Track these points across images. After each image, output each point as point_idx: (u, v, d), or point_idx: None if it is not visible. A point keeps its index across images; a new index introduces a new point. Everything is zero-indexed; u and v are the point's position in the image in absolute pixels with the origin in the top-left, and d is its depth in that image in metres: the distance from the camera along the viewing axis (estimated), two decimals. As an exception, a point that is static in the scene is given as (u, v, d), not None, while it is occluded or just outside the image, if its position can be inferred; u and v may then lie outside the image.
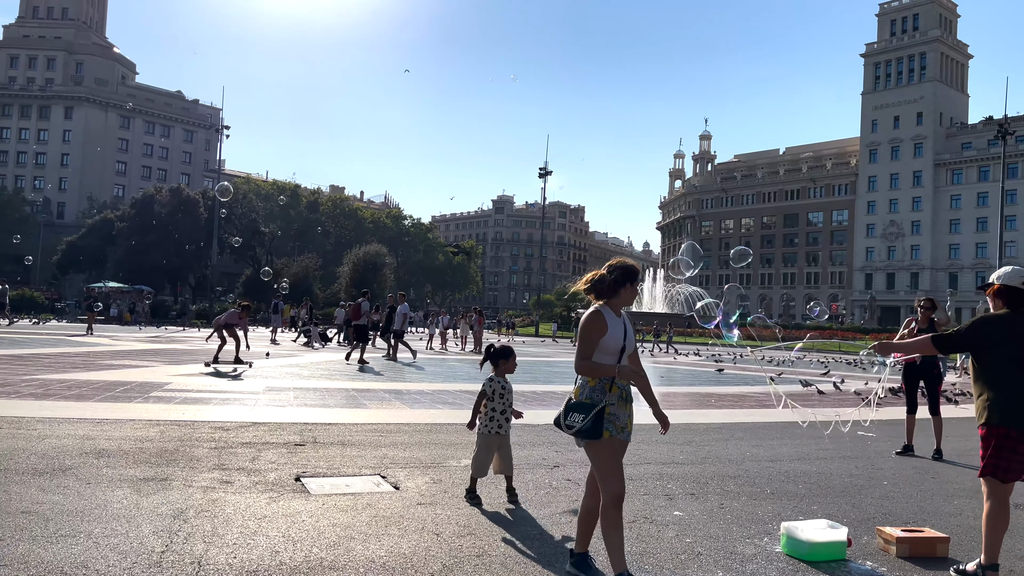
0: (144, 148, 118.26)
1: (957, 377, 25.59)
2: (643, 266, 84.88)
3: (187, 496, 5.72)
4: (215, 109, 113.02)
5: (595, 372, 4.19)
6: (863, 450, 9.66)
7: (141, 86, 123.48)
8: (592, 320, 4.17)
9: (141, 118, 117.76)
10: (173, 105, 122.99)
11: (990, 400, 4.59)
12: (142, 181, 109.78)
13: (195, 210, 77.65)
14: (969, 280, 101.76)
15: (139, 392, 11.92)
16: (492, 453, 6.11)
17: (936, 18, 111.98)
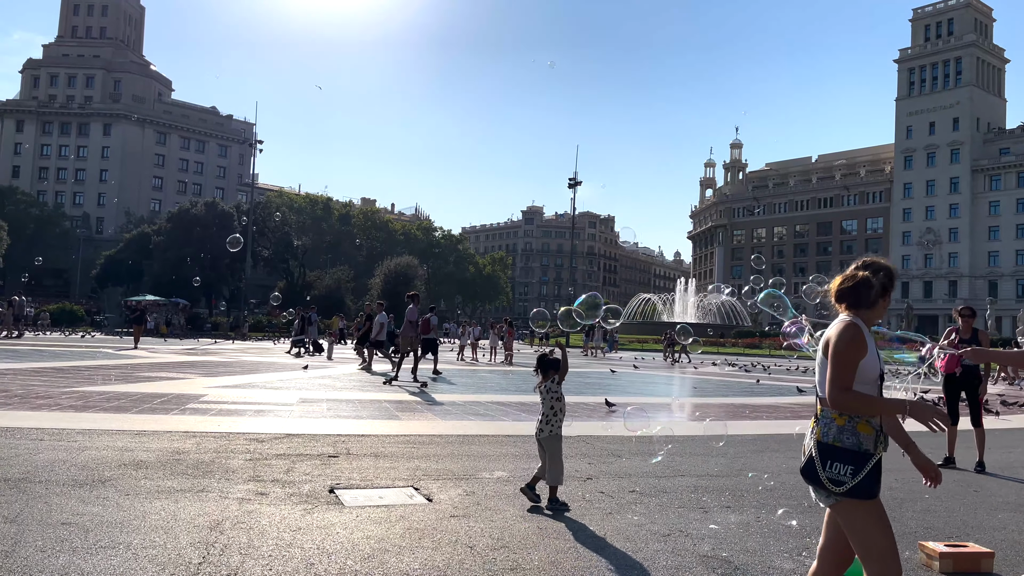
0: (180, 163, 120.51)
1: (994, 386, 24.99)
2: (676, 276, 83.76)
3: (223, 508, 5.78)
4: (248, 124, 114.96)
5: (868, 408, 3.27)
6: (902, 462, 9.41)
7: (177, 102, 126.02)
8: (852, 336, 3.27)
9: (177, 134, 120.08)
10: (208, 121, 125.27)
11: None
12: (178, 196, 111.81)
13: (229, 224, 78.79)
14: (1009, 288, 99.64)
15: (176, 404, 12.09)
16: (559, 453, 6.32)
17: (971, 22, 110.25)
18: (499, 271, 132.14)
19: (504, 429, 10.98)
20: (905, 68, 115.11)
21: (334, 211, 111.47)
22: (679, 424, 12.30)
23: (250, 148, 71.77)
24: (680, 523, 5.93)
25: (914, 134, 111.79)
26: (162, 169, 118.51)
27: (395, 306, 63.70)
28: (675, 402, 16.98)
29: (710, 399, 17.80)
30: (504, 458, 8.52)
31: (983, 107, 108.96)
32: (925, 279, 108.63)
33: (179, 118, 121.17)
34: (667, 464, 8.59)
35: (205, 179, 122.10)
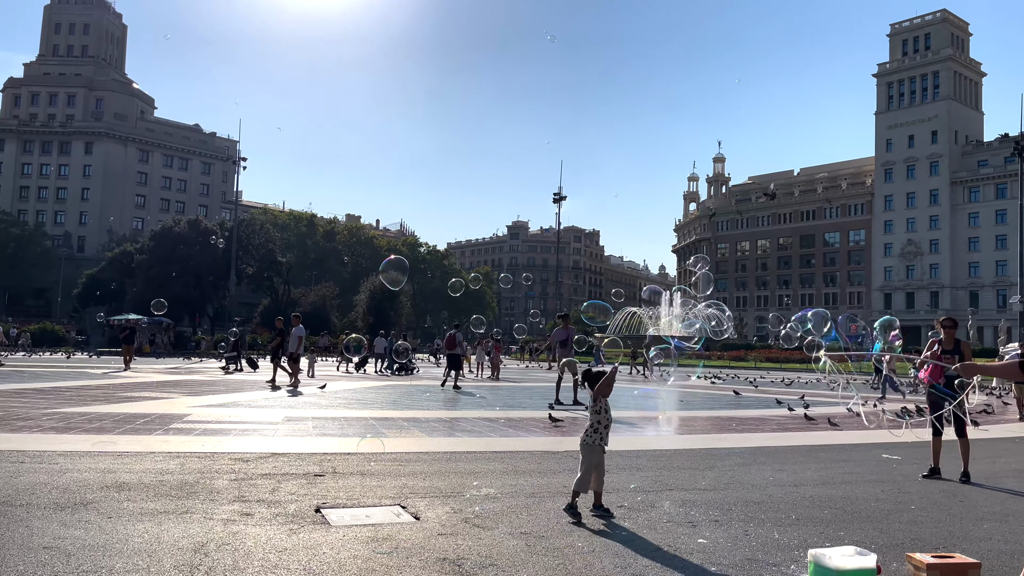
0: (163, 181, 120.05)
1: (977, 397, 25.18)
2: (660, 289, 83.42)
3: (207, 529, 5.71)
4: (232, 141, 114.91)
5: None
6: (888, 474, 9.51)
7: (160, 120, 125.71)
8: None
9: (160, 151, 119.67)
10: (191, 138, 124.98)
11: None
12: (161, 214, 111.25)
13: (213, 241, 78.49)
14: (990, 298, 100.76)
15: (159, 424, 11.97)
16: (594, 466, 6.57)
17: (948, 37, 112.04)
18: (485, 286, 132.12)
19: (491, 445, 10.94)
20: (884, 82, 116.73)
21: (319, 228, 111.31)
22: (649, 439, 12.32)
23: (234, 165, 71.53)
24: (669, 538, 5.92)
25: (894, 147, 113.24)
26: (145, 187, 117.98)
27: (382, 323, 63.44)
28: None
29: (697, 412, 17.81)
30: (491, 475, 8.49)
31: (961, 120, 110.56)
32: (907, 290, 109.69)
33: (162, 136, 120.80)
34: (655, 478, 8.58)
35: (188, 197, 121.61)
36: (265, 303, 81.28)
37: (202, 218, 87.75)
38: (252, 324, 78.72)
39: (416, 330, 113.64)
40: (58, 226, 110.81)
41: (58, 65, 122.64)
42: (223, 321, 70.04)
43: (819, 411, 17.14)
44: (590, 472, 6.61)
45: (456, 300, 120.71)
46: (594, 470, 6.62)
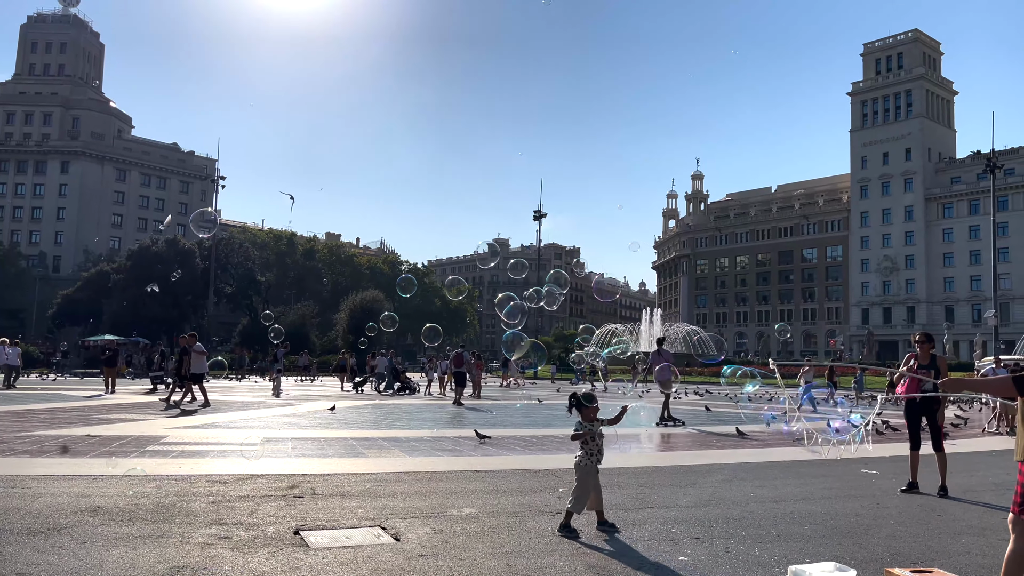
0: (140, 200, 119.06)
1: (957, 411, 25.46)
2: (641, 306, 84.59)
3: (184, 553, 5.63)
4: (211, 160, 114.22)
5: None
6: (867, 488, 9.56)
7: (137, 139, 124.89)
8: None
9: (137, 170, 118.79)
10: (169, 157, 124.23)
11: None
12: (138, 233, 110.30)
13: (191, 260, 77.85)
14: (965, 313, 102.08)
15: (135, 446, 11.81)
16: (591, 486, 6.61)
17: (920, 56, 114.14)
18: (466, 304, 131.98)
19: (472, 464, 10.88)
20: (858, 101, 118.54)
21: (298, 246, 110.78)
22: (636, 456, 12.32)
23: (212, 184, 71.21)
24: (650, 556, 5.91)
25: (869, 164, 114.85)
26: (122, 206, 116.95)
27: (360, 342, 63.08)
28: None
29: (677, 429, 17.82)
30: (472, 494, 8.44)
31: (934, 138, 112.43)
32: (884, 305, 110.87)
33: (139, 155, 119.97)
34: (636, 496, 8.58)
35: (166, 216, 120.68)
36: (244, 322, 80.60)
37: (181, 237, 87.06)
38: (231, 344, 78.03)
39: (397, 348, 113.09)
40: (33, 246, 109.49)
41: (34, 84, 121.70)
42: (203, 341, 69.48)
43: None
44: (587, 493, 6.63)
45: (436, 317, 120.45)
46: (592, 490, 6.66)
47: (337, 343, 70.78)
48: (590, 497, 6.65)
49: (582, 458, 6.72)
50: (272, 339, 26.66)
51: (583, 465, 6.69)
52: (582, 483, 6.63)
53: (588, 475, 6.66)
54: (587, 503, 6.64)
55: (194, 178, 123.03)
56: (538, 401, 27.72)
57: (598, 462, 6.76)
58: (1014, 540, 4.54)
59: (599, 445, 6.81)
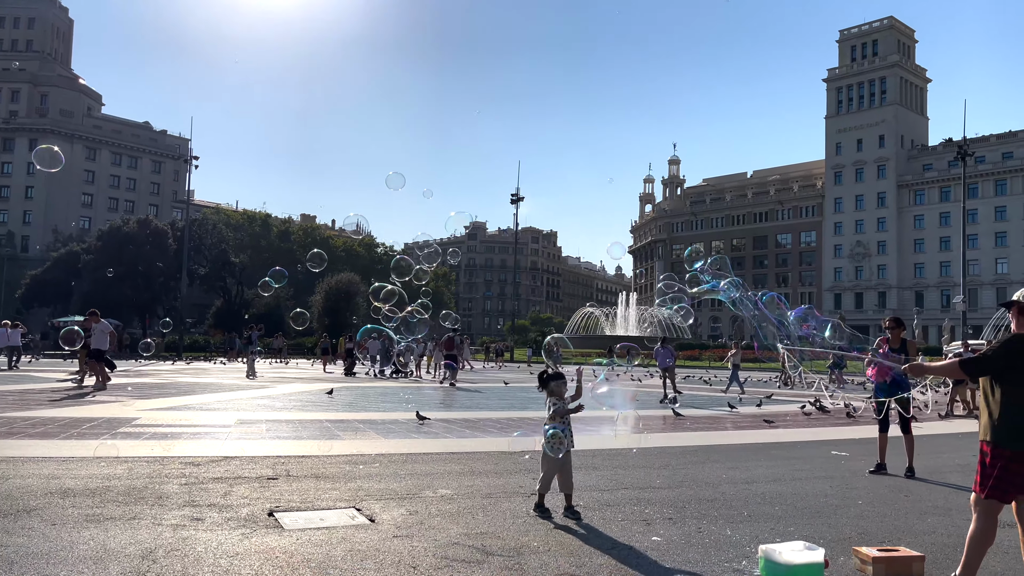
0: (111, 180, 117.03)
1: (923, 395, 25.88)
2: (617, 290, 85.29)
3: (156, 535, 5.59)
4: (183, 139, 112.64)
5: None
6: (837, 470, 9.72)
7: (107, 117, 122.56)
8: None
9: (108, 149, 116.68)
10: (140, 136, 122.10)
11: (1001, 420, 4.55)
12: (109, 213, 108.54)
13: (164, 241, 76.87)
14: (934, 298, 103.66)
15: (106, 428, 11.68)
16: (556, 468, 6.62)
17: (895, 44, 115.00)
18: (443, 287, 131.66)
19: (448, 447, 10.91)
20: (833, 87, 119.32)
21: (273, 228, 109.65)
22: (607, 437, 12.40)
23: (185, 164, 70.17)
24: (624, 536, 5.97)
25: (843, 151, 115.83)
26: (92, 186, 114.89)
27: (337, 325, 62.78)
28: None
29: (652, 411, 17.98)
30: (448, 476, 8.47)
31: (907, 125, 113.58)
32: (856, 291, 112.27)
33: (110, 133, 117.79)
34: (611, 477, 8.65)
35: (138, 196, 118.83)
36: (218, 304, 79.90)
37: (152, 217, 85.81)
38: (205, 325, 77.34)
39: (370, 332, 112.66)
40: (0, 225, 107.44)
41: (1, 59, 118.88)
42: (175, 323, 68.63)
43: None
44: (553, 473, 6.66)
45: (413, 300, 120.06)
46: (559, 471, 6.66)
47: (312, 326, 70.40)
48: (558, 477, 6.65)
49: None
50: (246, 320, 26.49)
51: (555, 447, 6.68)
52: (552, 464, 6.64)
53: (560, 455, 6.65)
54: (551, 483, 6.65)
55: (166, 158, 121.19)
56: (504, 384, 27.81)
57: (571, 444, 6.71)
58: (976, 519, 4.65)
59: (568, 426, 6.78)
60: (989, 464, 4.59)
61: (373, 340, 35.78)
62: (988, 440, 4.61)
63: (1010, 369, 4.59)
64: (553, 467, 6.64)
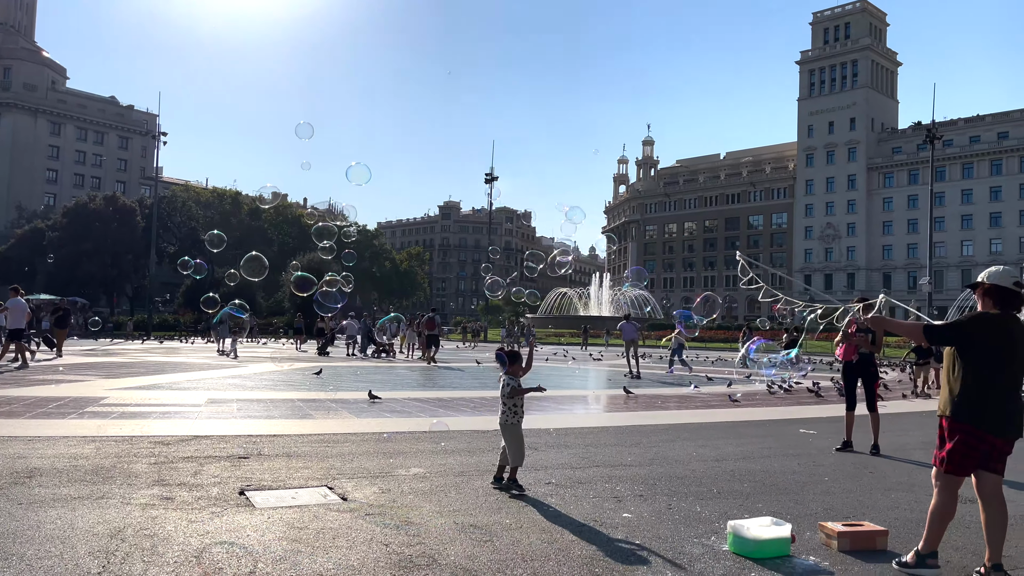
0: (76, 155, 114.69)
1: (893, 372, 26.40)
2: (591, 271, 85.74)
3: (125, 514, 5.54)
4: (151, 115, 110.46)
5: None
6: (804, 447, 9.88)
7: (72, 91, 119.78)
8: None
9: (73, 124, 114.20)
10: (106, 111, 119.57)
11: (961, 396, 4.64)
12: (75, 189, 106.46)
13: (131, 219, 75.64)
14: (901, 280, 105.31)
15: (73, 408, 11.52)
16: (523, 439, 6.86)
17: (867, 27, 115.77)
18: (416, 267, 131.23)
19: (421, 425, 10.91)
20: (806, 69, 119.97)
21: (243, 205, 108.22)
22: (583, 416, 12.51)
23: (153, 140, 68.87)
24: (595, 513, 6.03)
25: (815, 133, 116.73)
26: (56, 161, 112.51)
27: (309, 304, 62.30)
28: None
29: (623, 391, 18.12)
30: (420, 454, 8.48)
31: (877, 108, 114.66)
32: (826, 272, 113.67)
33: (75, 108, 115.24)
34: (582, 455, 8.71)
35: (105, 172, 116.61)
36: (188, 283, 78.89)
37: (119, 194, 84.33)
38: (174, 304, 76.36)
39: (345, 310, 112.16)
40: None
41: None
42: (143, 301, 67.74)
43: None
44: (523, 446, 6.84)
45: (386, 281, 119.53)
46: (504, 444, 6.87)
47: (283, 305, 69.85)
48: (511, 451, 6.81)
49: (509, 417, 6.87)
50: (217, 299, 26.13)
51: (511, 423, 6.83)
52: (517, 439, 6.80)
53: (518, 430, 6.85)
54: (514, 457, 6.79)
55: (134, 133, 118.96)
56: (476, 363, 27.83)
57: (520, 417, 6.92)
58: (937, 494, 4.76)
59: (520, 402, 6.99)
60: (948, 439, 4.69)
61: (350, 320, 35.63)
62: (947, 415, 4.71)
63: (971, 346, 4.68)
64: (521, 439, 6.82)
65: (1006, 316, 4.71)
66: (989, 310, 4.76)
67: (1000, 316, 4.71)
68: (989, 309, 4.76)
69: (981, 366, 4.64)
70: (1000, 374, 4.62)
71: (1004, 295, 4.73)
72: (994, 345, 4.63)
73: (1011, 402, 4.63)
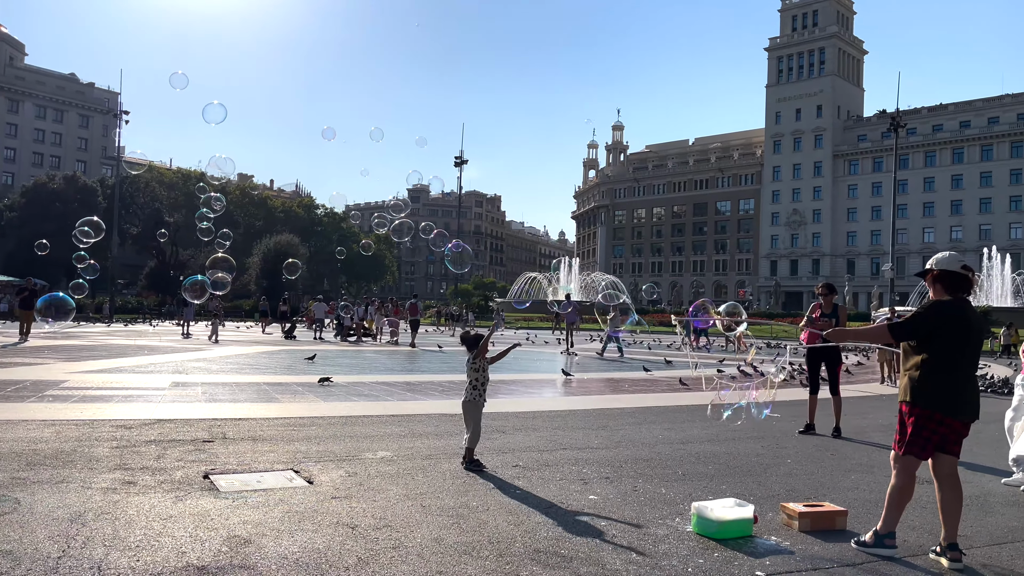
0: (35, 134, 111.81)
1: (857, 357, 26.87)
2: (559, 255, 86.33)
3: (86, 498, 5.46)
4: (113, 93, 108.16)
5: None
6: (768, 430, 10.03)
7: (31, 68, 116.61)
8: None
9: (31, 101, 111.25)
10: (66, 88, 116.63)
11: (919, 381, 4.74)
12: (34, 168, 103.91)
13: (93, 199, 74.09)
14: (865, 266, 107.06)
15: (33, 391, 11.30)
16: (480, 420, 7.12)
17: (834, 15, 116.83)
18: (385, 250, 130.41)
19: (388, 409, 10.89)
20: (775, 56, 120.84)
21: (208, 187, 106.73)
22: (551, 400, 12.57)
23: (115, 119, 67.47)
24: (561, 495, 6.07)
25: (782, 120, 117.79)
26: (14, 139, 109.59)
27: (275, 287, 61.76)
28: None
29: (592, 374, 18.22)
30: (388, 438, 8.46)
31: (844, 96, 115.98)
32: (791, 258, 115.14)
33: (33, 84, 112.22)
34: (549, 438, 8.76)
35: (64, 151, 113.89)
36: (151, 265, 77.63)
37: (80, 174, 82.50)
38: (138, 287, 75.16)
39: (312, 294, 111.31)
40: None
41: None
42: (104, 284, 66.46)
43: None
44: (480, 426, 7.07)
45: (354, 264, 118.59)
46: (464, 422, 7.11)
47: (250, 288, 69.11)
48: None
49: (474, 396, 7.10)
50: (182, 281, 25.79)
51: (474, 402, 7.08)
52: (477, 420, 7.06)
53: (478, 409, 7.10)
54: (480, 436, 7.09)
55: (95, 112, 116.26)
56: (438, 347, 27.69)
57: (483, 399, 7.19)
58: (895, 475, 4.86)
59: (483, 381, 7.22)
60: (907, 423, 4.80)
61: (319, 303, 35.37)
62: (907, 400, 4.82)
63: (932, 335, 4.78)
64: (480, 420, 7.08)
65: (959, 301, 4.83)
66: (940, 296, 4.87)
67: (954, 302, 4.83)
68: (940, 295, 4.88)
69: (938, 352, 4.74)
70: (957, 359, 4.72)
71: (953, 279, 4.84)
72: (951, 331, 4.73)
73: (968, 385, 4.75)
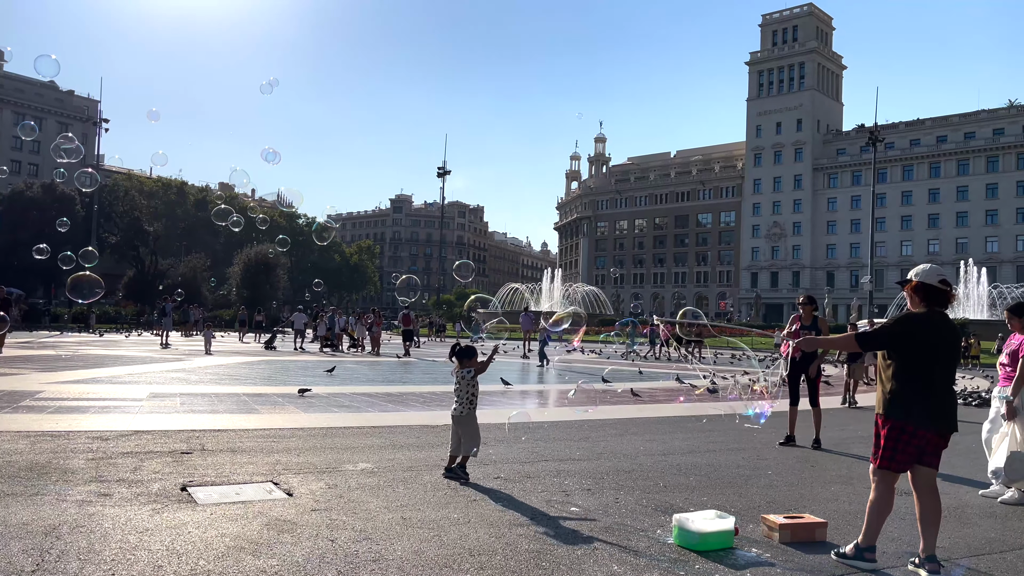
0: (12, 141, 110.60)
1: (835, 370, 27.04)
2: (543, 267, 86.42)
3: (60, 511, 5.37)
4: (92, 101, 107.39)
5: None
6: (749, 442, 10.07)
7: (8, 75, 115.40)
8: None
9: (9, 109, 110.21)
10: (45, 96, 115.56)
11: (893, 394, 4.76)
12: (11, 176, 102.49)
13: (71, 208, 73.24)
14: (844, 278, 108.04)
15: (6, 402, 11.13)
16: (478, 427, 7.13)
17: (814, 30, 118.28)
18: (367, 260, 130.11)
19: (369, 420, 10.82)
20: (755, 71, 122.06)
21: (189, 196, 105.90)
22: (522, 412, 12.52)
23: (94, 127, 66.89)
24: (542, 507, 6.05)
25: (763, 133, 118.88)
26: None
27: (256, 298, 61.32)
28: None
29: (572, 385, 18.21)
30: (369, 449, 8.40)
31: (823, 110, 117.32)
32: (772, 270, 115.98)
33: (11, 92, 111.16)
34: (531, 450, 8.74)
35: (42, 159, 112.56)
36: (131, 274, 76.88)
37: (58, 182, 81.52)
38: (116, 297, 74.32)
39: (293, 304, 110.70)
40: None
41: None
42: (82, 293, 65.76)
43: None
44: (478, 434, 7.07)
45: (335, 274, 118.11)
46: (461, 435, 7.05)
47: (231, 297, 68.63)
48: (460, 440, 7.03)
49: (468, 410, 7.09)
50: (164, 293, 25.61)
51: (465, 414, 7.07)
52: (475, 429, 7.07)
53: (472, 421, 7.08)
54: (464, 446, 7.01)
55: (74, 119, 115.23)
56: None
57: (474, 409, 7.18)
58: (874, 488, 4.89)
59: (475, 394, 7.20)
60: (883, 436, 4.83)
61: (298, 313, 35.18)
62: (882, 413, 4.85)
63: (902, 346, 4.82)
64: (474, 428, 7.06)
65: (933, 313, 4.86)
66: (916, 307, 4.92)
67: (927, 314, 4.86)
68: (916, 306, 4.92)
69: (912, 364, 4.77)
70: (931, 371, 4.76)
71: (929, 292, 4.88)
72: (923, 343, 4.76)
73: (944, 397, 4.78)
